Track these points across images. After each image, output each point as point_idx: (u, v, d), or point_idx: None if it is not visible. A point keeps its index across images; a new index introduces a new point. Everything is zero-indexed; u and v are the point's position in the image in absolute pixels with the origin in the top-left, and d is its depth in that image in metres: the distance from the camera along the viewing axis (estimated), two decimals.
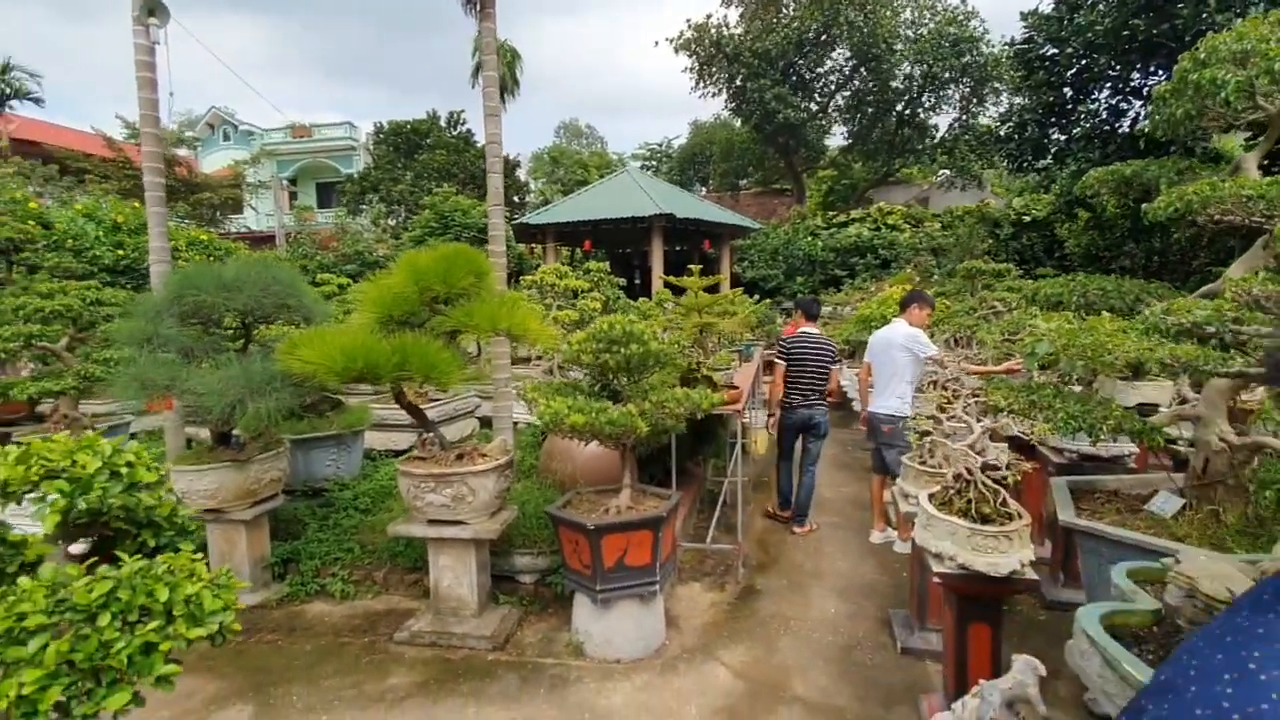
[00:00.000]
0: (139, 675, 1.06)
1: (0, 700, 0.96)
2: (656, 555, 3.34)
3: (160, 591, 1.13)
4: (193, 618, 1.16)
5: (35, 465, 1.29)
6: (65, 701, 0.99)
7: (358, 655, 3.52)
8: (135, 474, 1.37)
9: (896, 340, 4.69)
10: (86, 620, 1.06)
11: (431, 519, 3.50)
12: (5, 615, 1.01)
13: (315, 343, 3.26)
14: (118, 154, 22.45)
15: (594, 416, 3.01)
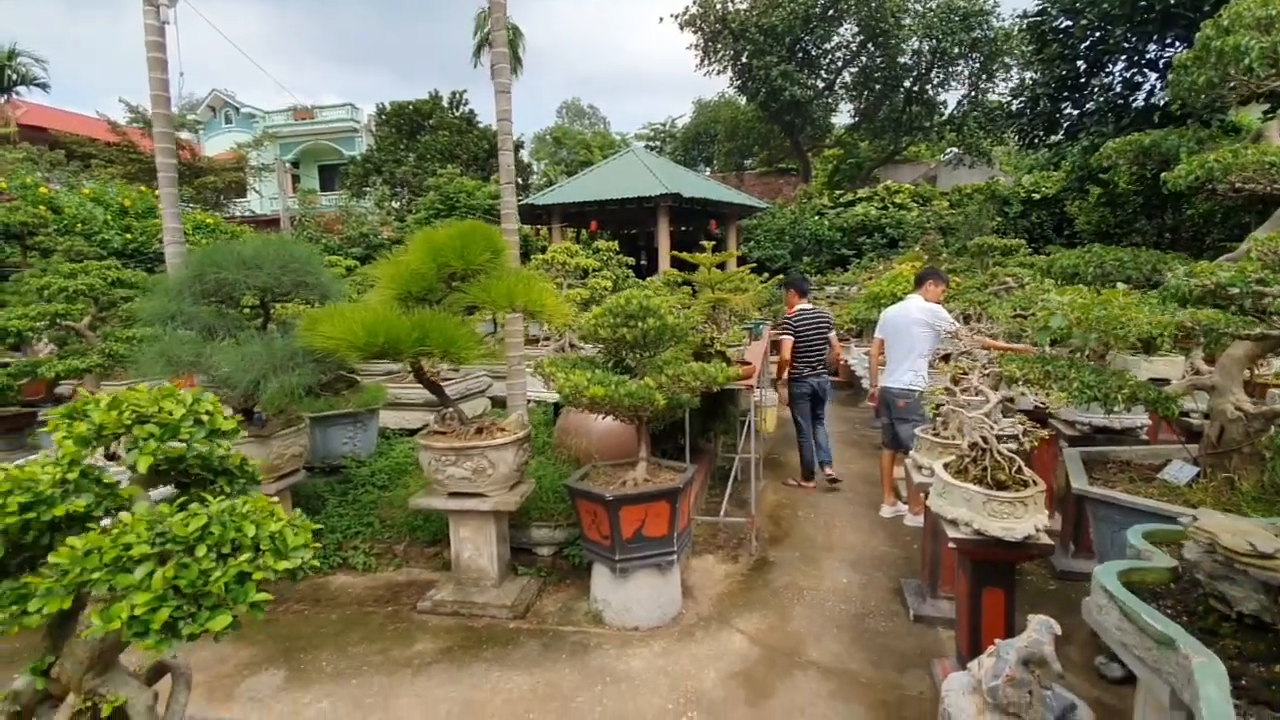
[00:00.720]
0: (234, 601, 1.12)
1: (114, 620, 1.03)
2: (674, 526, 3.40)
3: (248, 528, 1.19)
4: (278, 552, 1.22)
5: (126, 411, 1.34)
6: (174, 622, 1.05)
7: (382, 624, 3.61)
8: (215, 421, 1.43)
9: (914, 315, 4.73)
10: (185, 551, 1.12)
11: (452, 491, 3.57)
12: (112, 545, 1.07)
13: (336, 319, 3.30)
14: (122, 138, 22.43)
15: (614, 389, 3.05)
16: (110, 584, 1.07)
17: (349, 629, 3.57)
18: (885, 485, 5.14)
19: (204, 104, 33.60)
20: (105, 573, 1.07)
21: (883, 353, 5.05)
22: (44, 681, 1.30)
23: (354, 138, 31.83)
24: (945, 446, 3.33)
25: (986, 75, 21.04)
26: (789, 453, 6.54)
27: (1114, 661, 2.97)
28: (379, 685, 3.04)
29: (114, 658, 1.34)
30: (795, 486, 5.78)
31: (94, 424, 1.36)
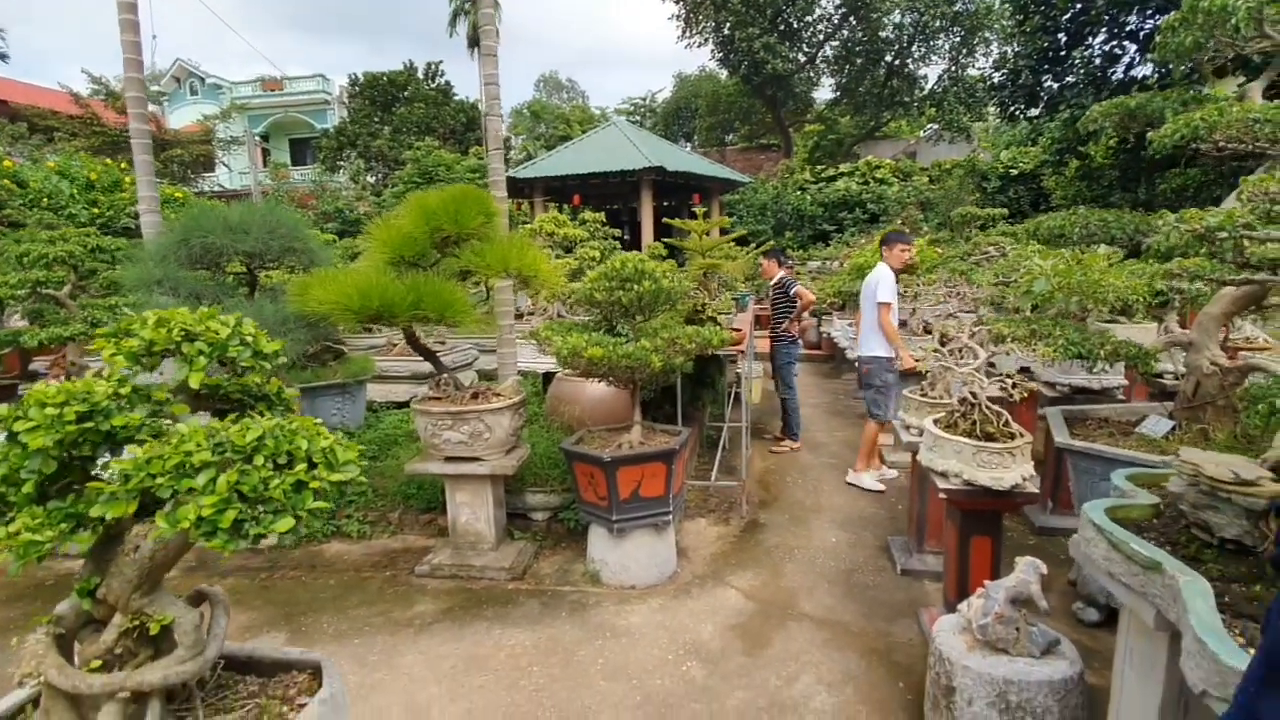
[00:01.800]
0: (294, 508, 1.15)
1: (183, 521, 1.05)
2: (669, 486, 3.46)
3: (300, 441, 1.21)
4: (330, 465, 1.24)
5: (175, 329, 1.34)
6: (239, 523, 1.07)
7: (381, 588, 3.64)
8: (258, 343, 1.43)
9: (869, 284, 4.85)
10: (244, 460, 1.14)
11: (449, 456, 3.59)
12: (174, 453, 1.08)
13: (329, 283, 3.27)
14: (85, 111, 21.59)
15: (611, 349, 3.07)
16: (174, 489, 1.09)
17: (348, 593, 3.60)
18: (861, 451, 5.19)
19: (168, 75, 32.34)
20: (169, 478, 1.09)
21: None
22: (90, 603, 1.33)
23: (326, 110, 30.96)
24: (934, 405, 3.42)
25: (967, 50, 21.09)
26: (775, 422, 6.64)
27: (1090, 607, 3.12)
28: (382, 644, 3.07)
29: (160, 577, 1.37)
30: (786, 451, 5.89)
31: (144, 340, 1.36)
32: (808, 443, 6.15)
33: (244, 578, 3.82)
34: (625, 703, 2.62)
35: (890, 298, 4.77)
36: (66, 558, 4.12)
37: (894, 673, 2.78)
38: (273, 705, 1.38)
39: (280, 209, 3.91)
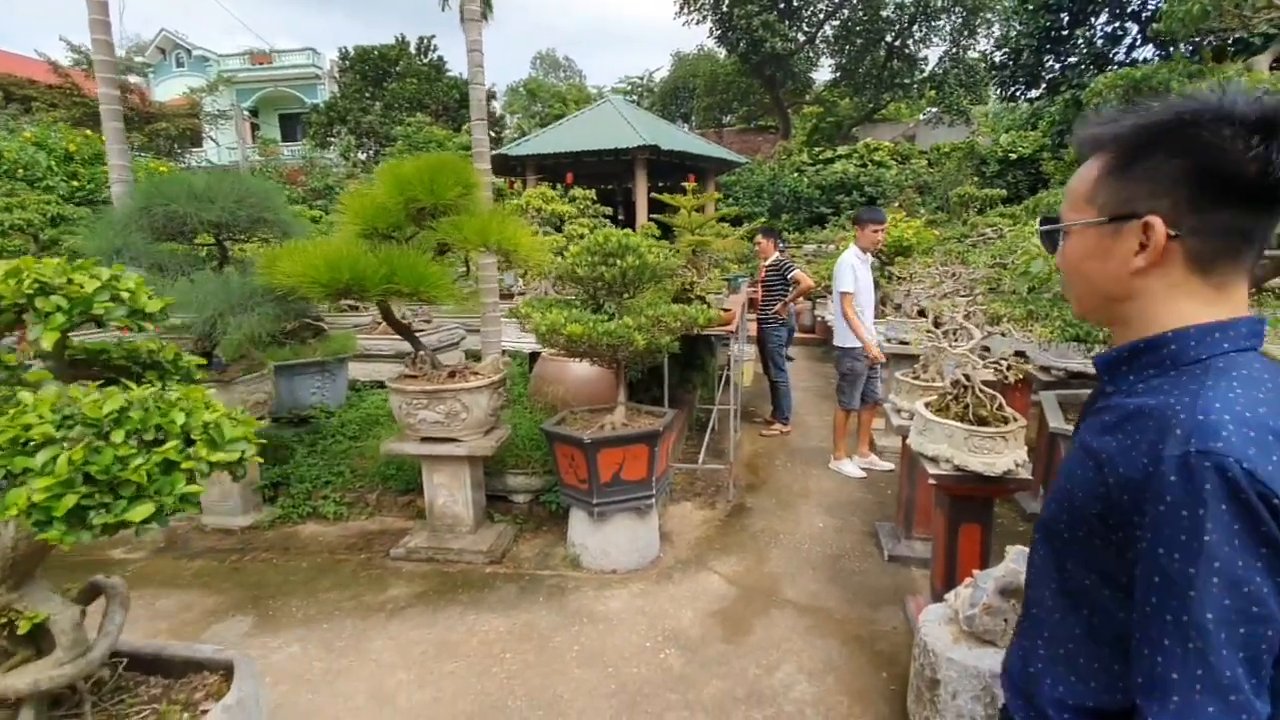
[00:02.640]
0: (159, 493, 1.01)
1: (10, 509, 0.91)
2: (652, 469, 3.36)
3: (176, 415, 1.07)
4: (212, 442, 1.10)
5: (28, 281, 1.19)
6: (83, 511, 0.94)
7: (355, 571, 3.54)
8: (137, 300, 1.28)
9: (834, 273, 4.75)
10: (99, 436, 1.00)
11: (425, 436, 3.47)
12: (9, 425, 0.95)
13: (297, 255, 3.13)
14: (65, 80, 21.05)
15: (591, 327, 2.95)
16: (7, 469, 0.94)
17: (320, 576, 3.49)
18: (860, 436, 5.13)
19: (152, 45, 31.60)
20: (2, 456, 0.94)
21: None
22: None
23: (316, 85, 30.32)
24: (926, 388, 3.32)
25: (969, 31, 20.77)
26: (765, 406, 6.55)
27: None
28: (351, 629, 2.98)
29: (30, 569, 1.21)
30: (776, 435, 5.81)
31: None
32: (798, 426, 6.07)
33: (214, 559, 3.72)
34: (599, 691, 2.53)
35: (850, 286, 4.63)
36: None
37: (877, 662, 2.71)
38: (172, 712, 1.23)
39: (250, 178, 3.73)
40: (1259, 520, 0.64)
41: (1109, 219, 0.80)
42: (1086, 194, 0.82)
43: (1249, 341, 0.76)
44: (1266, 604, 0.64)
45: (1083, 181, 0.83)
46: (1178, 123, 0.74)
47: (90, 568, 3.67)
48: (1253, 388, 0.71)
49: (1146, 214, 0.76)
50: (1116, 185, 0.79)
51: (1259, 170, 0.70)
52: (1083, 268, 0.85)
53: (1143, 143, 0.77)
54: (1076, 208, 0.84)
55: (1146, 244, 0.76)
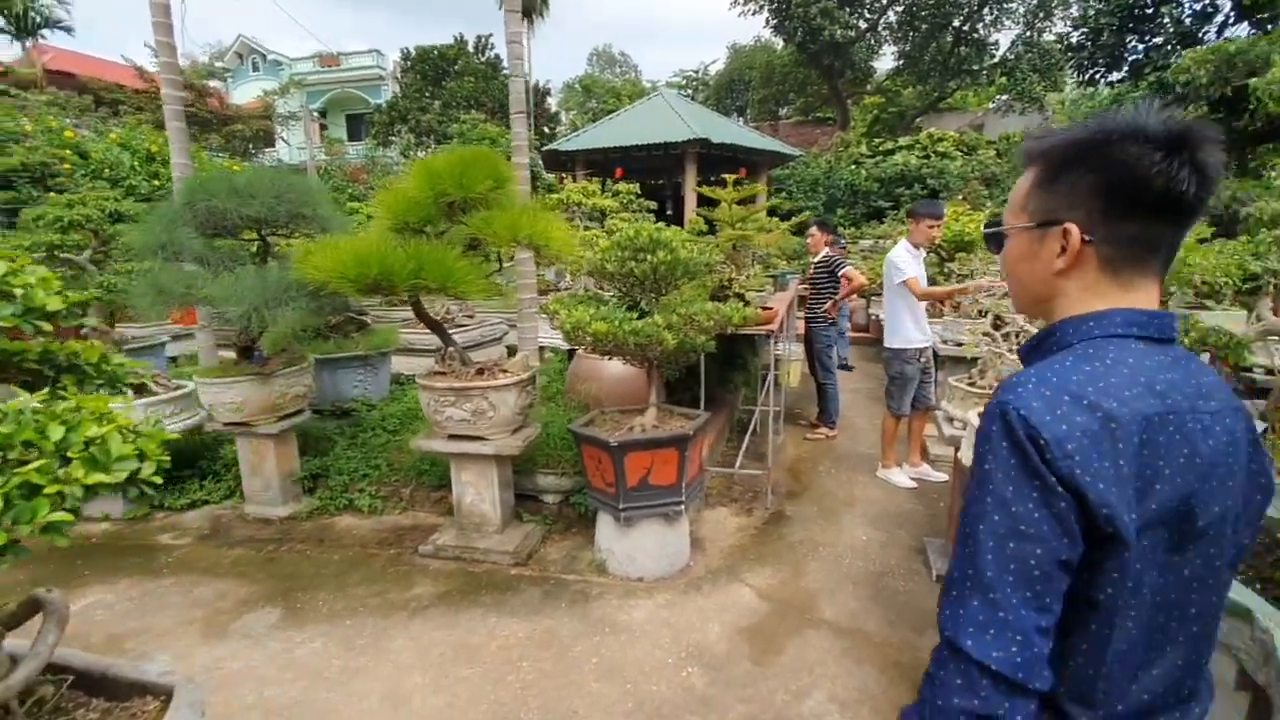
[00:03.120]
0: (16, 521, 0.92)
1: None
2: (682, 474, 3.21)
3: (53, 429, 0.98)
4: (94, 461, 1.01)
5: None
6: None
7: (384, 566, 3.54)
8: (33, 297, 1.19)
9: (885, 270, 4.42)
10: None
11: (452, 434, 3.43)
12: None
13: (328, 251, 3.12)
14: (149, 85, 22.37)
15: (617, 326, 2.82)
16: None
17: (350, 570, 3.51)
18: (911, 445, 4.81)
19: (231, 51, 33.36)
20: None
21: None
22: None
23: (380, 85, 31.35)
24: (981, 396, 3.05)
25: (1044, 12, 19.52)
26: (811, 408, 6.29)
27: None
28: (373, 627, 2.96)
29: None
30: (821, 438, 5.56)
31: None
32: (846, 430, 5.79)
33: (252, 548, 3.79)
34: (615, 708, 2.41)
35: (914, 271, 4.30)
36: (88, 520, 4.20)
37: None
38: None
39: (291, 175, 3.78)
40: (1027, 456, 0.76)
41: (1036, 225, 0.90)
42: (1021, 202, 0.92)
43: (1122, 329, 0.85)
44: (1036, 526, 0.75)
45: (1019, 190, 0.93)
46: (1094, 141, 0.83)
47: (138, 552, 3.83)
48: (1086, 362, 0.82)
49: (1066, 221, 0.86)
50: (1043, 195, 0.89)
51: (1163, 185, 0.79)
52: (1017, 269, 0.95)
53: (1066, 158, 0.86)
54: (1014, 213, 0.94)
55: (1066, 248, 0.86)
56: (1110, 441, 0.76)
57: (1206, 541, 0.82)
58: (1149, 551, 0.78)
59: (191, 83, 23.43)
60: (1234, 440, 0.83)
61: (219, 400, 3.88)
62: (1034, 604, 0.76)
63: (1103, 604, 0.79)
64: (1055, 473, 0.75)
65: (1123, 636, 0.80)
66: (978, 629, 0.77)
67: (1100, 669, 0.81)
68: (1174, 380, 0.82)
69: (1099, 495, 0.75)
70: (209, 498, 4.43)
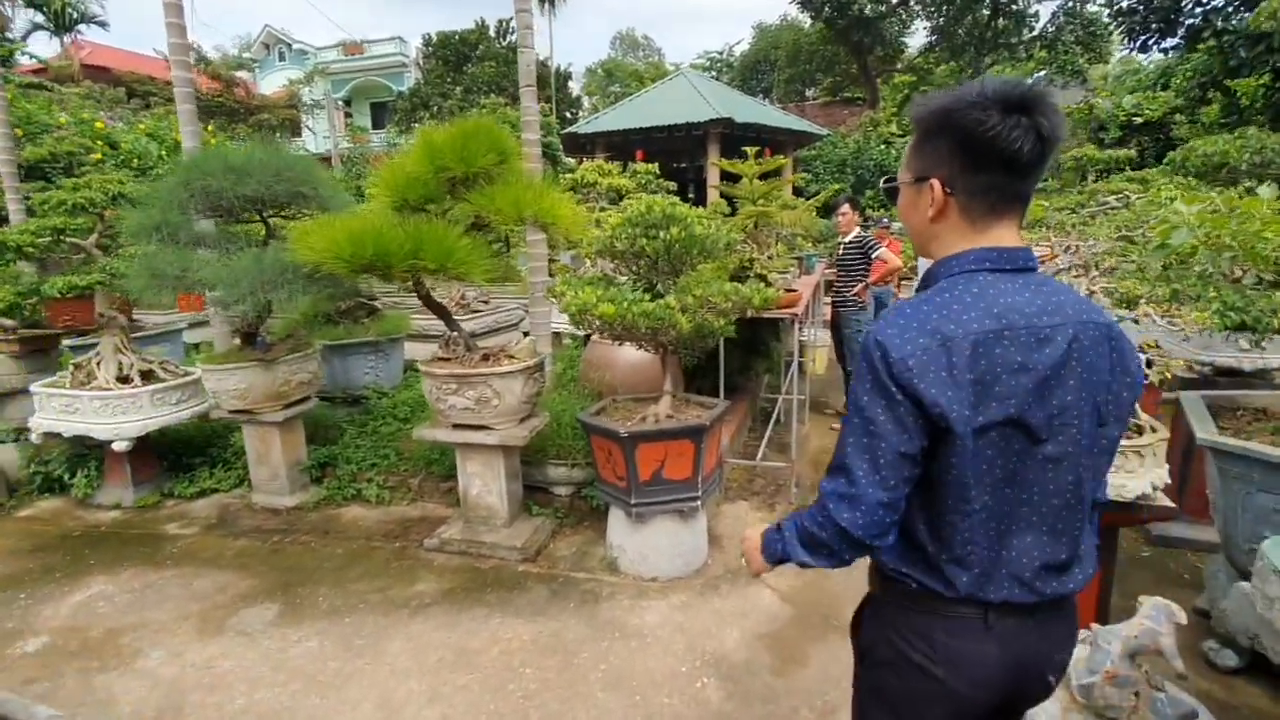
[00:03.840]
0: None
1: None
2: (698, 468, 3.00)
3: None
4: None
5: None
6: None
7: (388, 560, 3.40)
8: None
9: None
10: None
11: (456, 423, 3.26)
12: None
13: (324, 230, 2.95)
14: None
15: (626, 308, 2.60)
16: None
17: (353, 563, 3.38)
18: None
19: (257, 41, 33.66)
20: None
21: None
22: None
23: (403, 73, 31.34)
24: None
25: None
26: (838, 397, 6.01)
27: (1228, 649, 2.44)
28: (372, 626, 2.82)
29: None
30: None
31: None
32: None
33: (256, 539, 3.69)
34: None
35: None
36: (99, 508, 4.14)
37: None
38: None
39: (289, 153, 3.62)
40: (878, 373, 0.98)
41: (914, 180, 1.08)
42: (906, 160, 1.11)
43: (974, 264, 1.02)
44: (881, 426, 0.98)
45: (907, 150, 1.11)
46: (948, 108, 1.00)
47: (144, 541, 3.75)
48: (938, 294, 1.01)
49: (932, 177, 1.04)
50: (918, 154, 1.07)
51: (1003, 144, 0.96)
52: (906, 217, 1.13)
53: (931, 123, 1.03)
54: (902, 170, 1.11)
55: (933, 200, 1.04)
56: (946, 356, 0.95)
57: (1057, 429, 0.98)
58: (997, 440, 0.97)
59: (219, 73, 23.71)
60: (1081, 347, 0.99)
61: (222, 388, 3.77)
62: (880, 484, 0.99)
63: (950, 483, 0.99)
64: (897, 383, 0.96)
65: (981, 508, 1.00)
66: (838, 499, 1.03)
67: (964, 535, 1.01)
68: (1017, 303, 0.98)
69: (932, 399, 0.94)
70: (218, 486, 4.35)
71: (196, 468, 4.47)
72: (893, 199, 1.15)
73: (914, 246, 1.17)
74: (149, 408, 4.02)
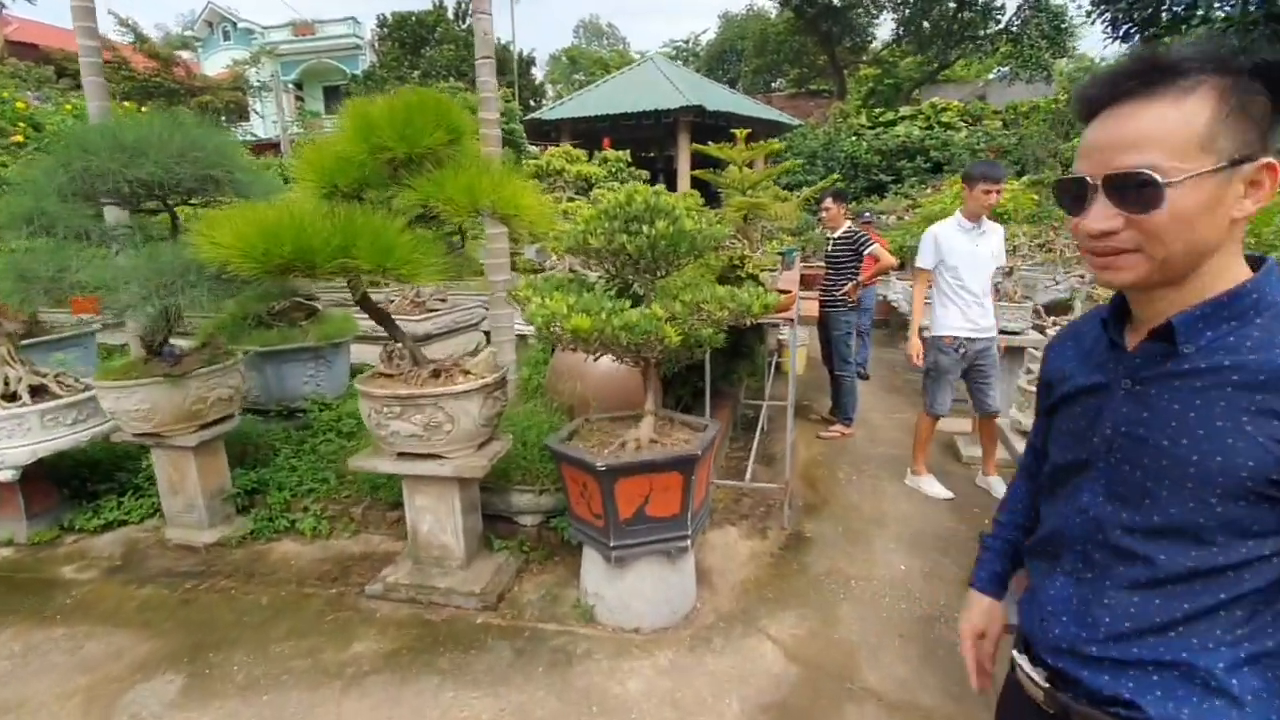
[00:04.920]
0: None
1: None
2: (688, 503, 2.57)
3: None
4: None
5: None
6: None
7: (321, 611, 2.89)
8: None
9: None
10: None
11: (401, 452, 2.76)
12: None
13: (230, 221, 2.41)
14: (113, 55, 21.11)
15: (603, 319, 2.15)
16: None
17: (279, 617, 2.86)
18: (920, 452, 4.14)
19: (199, 19, 31.75)
20: None
21: None
22: None
23: (357, 55, 29.95)
24: None
25: None
26: (822, 400, 5.67)
27: None
28: (295, 705, 2.32)
29: None
30: (836, 436, 4.94)
31: None
32: (861, 425, 5.17)
33: (166, 586, 3.13)
34: None
35: (929, 262, 3.75)
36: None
37: None
38: None
39: (199, 126, 3.04)
40: None
41: (1230, 164, 0.74)
42: (1199, 139, 0.74)
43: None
44: None
45: (1185, 126, 0.74)
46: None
47: (34, 589, 3.17)
48: None
49: (1262, 156, 0.75)
50: (1237, 126, 0.74)
51: None
52: (1194, 222, 0.77)
53: (1266, 75, 0.74)
54: (1185, 155, 0.74)
55: (1261, 186, 0.76)
56: None
57: None
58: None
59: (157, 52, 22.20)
60: None
61: (121, 408, 3.19)
62: None
63: None
64: None
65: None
66: None
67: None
68: None
69: None
70: (128, 517, 3.76)
71: (104, 495, 3.85)
72: (1136, 208, 0.77)
73: (1163, 271, 0.80)
74: (39, 430, 3.40)
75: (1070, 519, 0.93)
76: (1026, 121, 14.89)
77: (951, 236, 3.67)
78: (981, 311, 3.65)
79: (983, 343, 3.67)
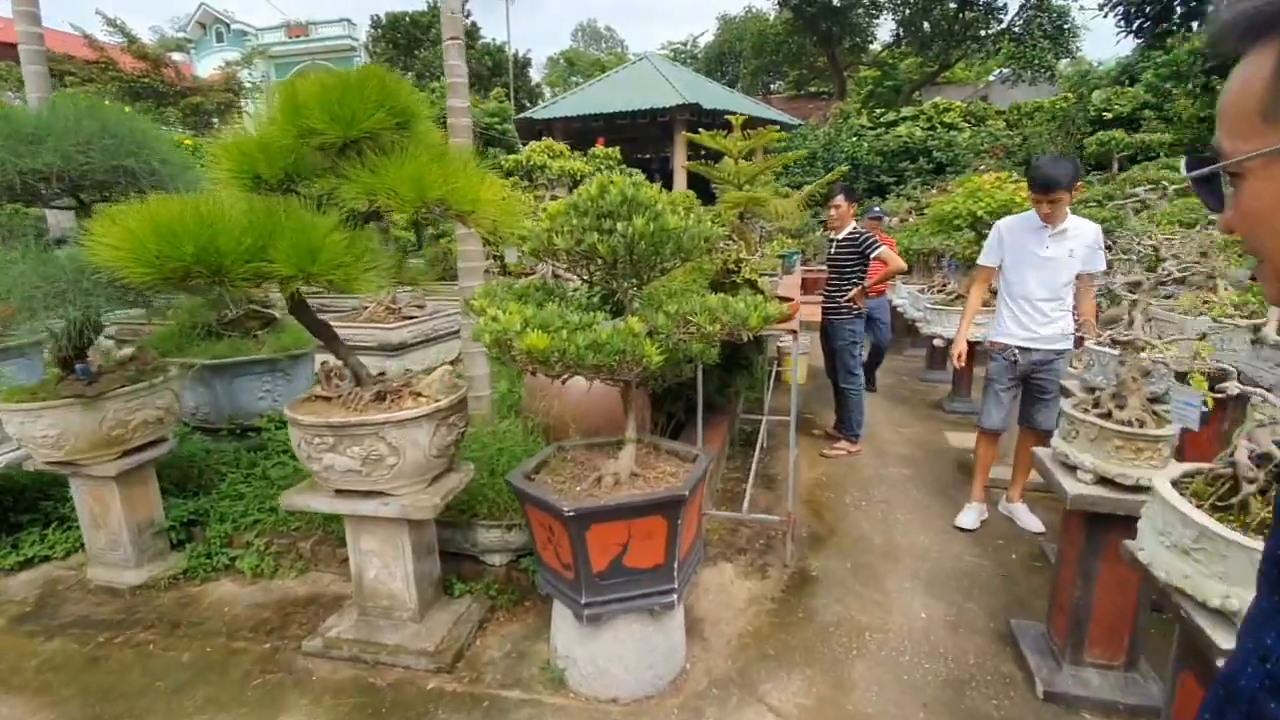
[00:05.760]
0: None
1: None
2: (673, 551, 2.17)
3: None
4: None
5: None
6: None
7: (248, 673, 2.48)
8: None
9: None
10: None
11: (339, 489, 2.36)
12: None
13: (130, 218, 2.02)
14: (100, 54, 20.75)
15: (564, 337, 1.75)
16: None
17: (198, 680, 2.45)
18: (1014, 474, 3.68)
19: (193, 21, 31.43)
20: None
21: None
22: None
23: (351, 56, 29.67)
24: (1128, 438, 2.00)
25: None
26: (824, 413, 5.27)
27: None
28: None
29: None
30: (843, 454, 4.53)
31: None
32: (868, 441, 4.78)
33: (76, 640, 2.72)
34: None
35: (991, 259, 3.40)
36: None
37: None
38: None
39: (114, 110, 2.65)
40: None
41: None
42: (1262, 104, 0.52)
43: None
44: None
45: (1245, 87, 0.54)
46: None
47: None
48: None
49: None
50: None
51: None
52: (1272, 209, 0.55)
53: None
54: (1245, 131, 0.54)
55: None
56: None
57: None
58: None
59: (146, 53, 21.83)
60: None
61: (28, 434, 2.78)
62: None
63: None
64: None
65: None
66: None
67: None
68: None
69: None
70: (51, 552, 3.35)
71: (24, 529, 3.45)
72: (1210, 200, 0.61)
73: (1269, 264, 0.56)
74: None
75: None
76: (1030, 122, 14.53)
77: (1017, 234, 3.29)
78: (1043, 320, 3.23)
79: (1041, 354, 3.26)
